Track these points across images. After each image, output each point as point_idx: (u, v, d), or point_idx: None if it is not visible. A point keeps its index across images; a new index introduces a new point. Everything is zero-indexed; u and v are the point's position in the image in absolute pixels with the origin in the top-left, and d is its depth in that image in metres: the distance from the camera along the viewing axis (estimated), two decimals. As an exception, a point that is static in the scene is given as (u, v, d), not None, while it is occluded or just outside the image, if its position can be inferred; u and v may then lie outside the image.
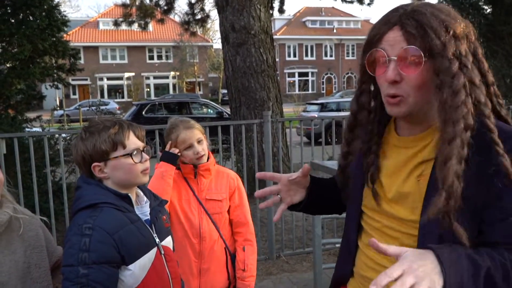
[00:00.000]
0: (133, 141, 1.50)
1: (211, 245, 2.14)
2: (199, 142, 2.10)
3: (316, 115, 11.13)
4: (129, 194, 1.50)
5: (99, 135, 1.46)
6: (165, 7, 12.64)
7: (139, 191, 1.61)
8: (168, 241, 1.62)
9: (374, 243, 0.90)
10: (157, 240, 1.54)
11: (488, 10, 9.00)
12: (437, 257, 0.91)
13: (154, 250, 1.51)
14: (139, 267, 1.45)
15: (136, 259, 1.44)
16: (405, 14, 1.01)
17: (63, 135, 4.75)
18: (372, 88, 1.18)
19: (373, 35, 1.06)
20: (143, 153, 1.52)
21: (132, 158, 1.48)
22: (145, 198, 1.61)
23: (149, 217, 1.56)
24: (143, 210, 1.56)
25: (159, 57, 41.39)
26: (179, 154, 2.12)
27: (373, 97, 1.18)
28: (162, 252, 1.55)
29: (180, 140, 2.08)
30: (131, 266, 1.43)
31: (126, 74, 39.91)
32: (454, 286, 0.88)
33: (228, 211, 2.22)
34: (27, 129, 5.96)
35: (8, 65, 5.78)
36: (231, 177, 2.24)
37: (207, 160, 2.15)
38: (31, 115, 6.46)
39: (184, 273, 2.10)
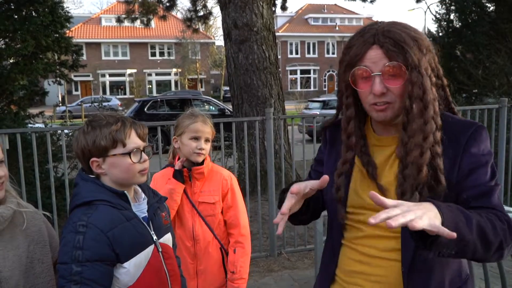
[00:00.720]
0: (133, 140, 1.48)
1: (205, 246, 2.14)
2: (206, 141, 2.10)
3: (318, 113, 11.13)
4: (126, 192, 1.49)
5: (101, 130, 1.45)
6: (168, 4, 12.61)
7: (137, 187, 1.60)
8: (166, 239, 1.61)
9: (374, 195, 0.95)
10: (154, 237, 1.53)
11: (491, 8, 8.97)
12: (434, 204, 0.99)
13: (151, 247, 1.50)
14: (134, 265, 1.44)
15: (131, 257, 1.43)
16: (381, 34, 1.14)
17: (66, 131, 4.76)
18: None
19: (353, 55, 1.18)
20: (143, 153, 1.50)
21: (130, 158, 1.46)
22: (143, 195, 1.59)
23: (146, 214, 1.54)
24: (141, 207, 1.55)
25: (161, 54, 41.37)
26: (178, 145, 2.11)
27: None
28: (160, 250, 1.54)
29: (192, 128, 2.07)
30: (126, 264, 1.42)
31: (128, 71, 39.92)
32: (451, 226, 0.95)
33: (222, 212, 2.20)
34: (29, 125, 5.98)
35: (11, 61, 5.79)
36: (224, 178, 2.20)
37: (203, 162, 2.13)
38: (33, 111, 6.49)
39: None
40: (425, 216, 0.92)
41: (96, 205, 1.42)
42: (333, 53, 45.00)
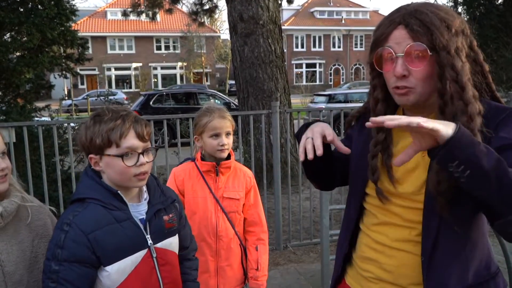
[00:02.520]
0: (130, 142, 1.37)
1: (227, 243, 2.10)
2: (227, 134, 2.06)
3: (324, 106, 11.08)
4: (120, 192, 1.41)
5: (99, 127, 1.37)
6: (173, -3, 12.61)
7: (143, 186, 1.50)
8: (167, 243, 1.50)
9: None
10: (149, 241, 1.43)
11: (500, 1, 8.87)
12: (457, 125, 0.96)
13: (142, 252, 1.42)
14: (118, 270, 1.37)
15: (115, 261, 1.36)
16: (408, 14, 1.11)
17: (72, 124, 4.76)
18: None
19: (379, 35, 1.16)
20: (141, 156, 1.39)
21: (123, 161, 1.36)
22: (146, 195, 1.50)
23: (144, 216, 1.45)
24: (139, 208, 1.46)
25: (167, 48, 41.34)
26: (200, 144, 2.08)
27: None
28: (154, 255, 1.44)
29: (210, 127, 2.03)
30: (108, 268, 1.36)
31: (134, 65, 39.94)
32: (464, 141, 0.94)
33: (242, 210, 2.17)
34: (36, 118, 5.99)
35: (17, 54, 5.80)
36: (248, 176, 2.19)
37: (228, 156, 2.10)
38: (39, 104, 6.49)
39: (201, 272, 2.04)
40: (436, 123, 0.93)
41: (88, 203, 1.38)
42: (339, 47, 44.78)
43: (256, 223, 2.19)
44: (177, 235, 1.57)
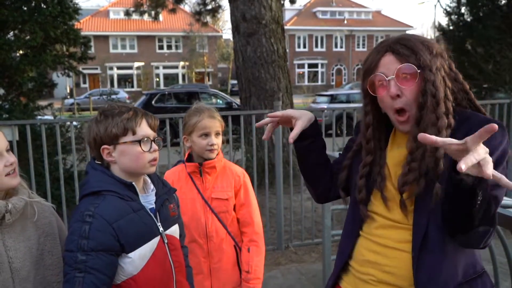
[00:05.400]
0: (144, 129, 1.49)
1: (218, 243, 2.09)
2: (216, 134, 2.05)
3: (326, 107, 11.08)
4: (134, 183, 1.50)
5: (113, 119, 1.47)
6: (176, -3, 12.61)
7: (147, 178, 1.60)
8: (173, 230, 1.62)
9: (423, 135, 1.00)
10: (160, 229, 1.54)
11: (504, 2, 8.85)
12: None
13: (157, 239, 1.52)
14: (139, 256, 1.46)
15: (136, 247, 1.45)
16: (393, 42, 1.25)
17: (74, 123, 4.77)
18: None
19: (369, 64, 1.28)
20: (153, 143, 1.51)
21: (140, 146, 1.47)
22: (152, 186, 1.60)
23: (154, 205, 1.55)
24: (149, 198, 1.56)
25: (169, 47, 41.37)
26: (189, 144, 2.07)
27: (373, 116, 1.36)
28: (166, 241, 1.55)
29: (200, 126, 2.02)
30: (131, 255, 1.44)
31: (136, 64, 39.98)
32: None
33: (234, 209, 2.15)
34: (38, 117, 6.00)
35: (20, 52, 5.81)
36: (237, 175, 2.15)
37: (215, 157, 2.08)
38: (42, 103, 6.51)
39: (196, 273, 2.06)
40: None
41: (104, 195, 1.44)
42: (341, 47, 44.76)
43: (248, 223, 2.15)
44: (179, 222, 1.69)
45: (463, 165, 0.92)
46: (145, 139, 1.49)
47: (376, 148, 1.34)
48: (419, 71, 1.20)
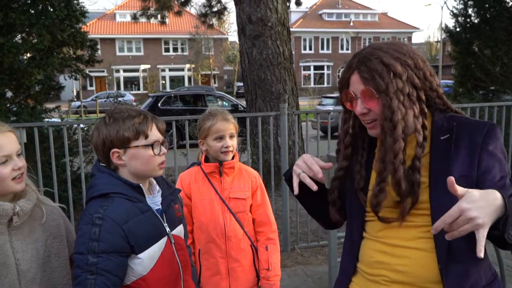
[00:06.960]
0: (155, 134, 1.51)
1: (237, 243, 2.11)
2: (231, 137, 2.08)
3: (332, 109, 11.06)
4: (141, 185, 1.51)
5: (123, 122, 1.47)
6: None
7: (152, 180, 1.62)
8: (179, 230, 1.64)
9: (451, 179, 1.03)
10: (167, 229, 1.56)
11: (511, 3, 8.80)
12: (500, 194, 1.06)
13: (164, 239, 1.54)
14: (148, 256, 1.48)
15: (146, 248, 1.47)
16: (360, 61, 1.26)
17: (82, 125, 4.80)
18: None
19: (342, 78, 1.33)
20: (162, 146, 1.53)
21: (152, 150, 1.49)
22: (158, 187, 1.62)
23: (160, 206, 1.57)
24: (155, 199, 1.57)
25: (175, 50, 41.55)
26: (205, 147, 2.10)
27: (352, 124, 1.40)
28: (173, 241, 1.57)
29: (214, 130, 2.05)
30: (140, 255, 1.46)
31: (142, 66, 40.16)
32: None
33: (250, 210, 2.18)
34: (46, 119, 6.04)
35: (28, 55, 5.85)
36: (253, 176, 2.20)
37: (232, 158, 2.12)
38: (49, 105, 6.54)
39: (212, 274, 2.08)
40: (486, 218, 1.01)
41: (112, 197, 1.45)
42: (347, 49, 44.67)
43: (265, 223, 2.19)
44: (183, 222, 1.72)
45: (481, 253, 1.00)
46: (156, 143, 1.51)
47: (358, 148, 1.38)
48: (377, 96, 1.23)
